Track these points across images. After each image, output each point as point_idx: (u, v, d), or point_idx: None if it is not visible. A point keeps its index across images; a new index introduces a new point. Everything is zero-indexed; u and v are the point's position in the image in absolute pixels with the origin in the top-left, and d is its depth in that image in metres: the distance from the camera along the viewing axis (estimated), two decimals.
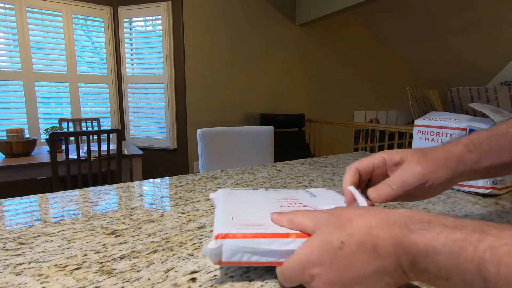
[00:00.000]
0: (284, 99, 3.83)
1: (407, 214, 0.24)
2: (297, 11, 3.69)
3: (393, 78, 4.88)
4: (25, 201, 0.55)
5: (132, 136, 3.24)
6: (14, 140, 1.92)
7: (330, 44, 4.10)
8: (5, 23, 2.63)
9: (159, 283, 0.30)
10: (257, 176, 0.74)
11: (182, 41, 3.05)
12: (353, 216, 0.26)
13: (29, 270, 0.32)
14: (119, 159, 1.92)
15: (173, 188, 0.64)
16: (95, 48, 3.10)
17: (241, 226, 0.30)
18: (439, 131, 0.63)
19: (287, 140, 3.52)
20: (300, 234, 0.29)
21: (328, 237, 0.26)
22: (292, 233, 0.29)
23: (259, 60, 3.56)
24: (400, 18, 4.02)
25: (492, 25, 3.55)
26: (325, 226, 0.27)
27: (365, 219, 0.25)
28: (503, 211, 0.51)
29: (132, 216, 0.47)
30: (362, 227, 0.25)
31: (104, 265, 0.33)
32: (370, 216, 0.25)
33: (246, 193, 0.43)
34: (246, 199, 0.40)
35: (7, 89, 2.73)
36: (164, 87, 3.10)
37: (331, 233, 0.26)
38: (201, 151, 1.29)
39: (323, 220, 0.28)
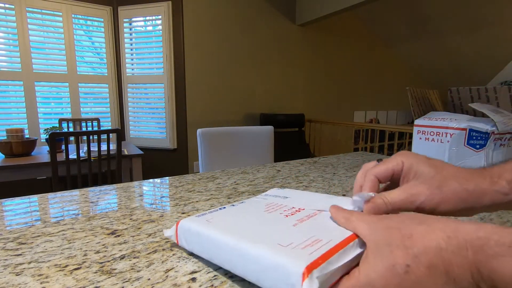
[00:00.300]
0: (284, 99, 3.84)
1: (480, 235, 0.21)
2: (297, 11, 3.69)
3: (393, 78, 4.88)
4: (25, 201, 0.55)
5: (132, 136, 3.24)
6: (14, 140, 1.92)
7: (330, 44, 4.10)
8: (5, 23, 2.63)
9: (159, 283, 0.30)
10: (257, 176, 0.74)
11: (182, 41, 3.05)
12: (413, 232, 0.23)
13: (29, 270, 0.32)
14: (119, 159, 1.92)
15: (173, 188, 0.64)
16: (95, 48, 3.10)
17: (308, 249, 0.26)
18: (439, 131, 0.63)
19: (287, 140, 3.52)
20: (353, 236, 0.28)
21: (391, 260, 0.23)
22: (349, 237, 0.28)
23: (259, 60, 3.56)
24: (400, 18, 4.02)
25: (492, 25, 3.55)
26: (384, 244, 0.24)
27: (430, 238, 0.22)
28: (503, 211, 0.51)
29: (132, 216, 0.47)
30: (429, 248, 0.22)
31: (104, 265, 0.33)
32: (434, 233, 0.23)
33: (223, 215, 0.36)
34: (234, 222, 0.34)
35: (7, 89, 2.73)
36: (164, 87, 3.10)
37: (393, 254, 0.23)
38: (201, 151, 1.29)
39: (379, 232, 0.25)
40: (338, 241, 0.27)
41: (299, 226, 0.31)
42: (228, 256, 0.29)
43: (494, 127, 0.54)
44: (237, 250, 0.28)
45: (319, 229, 0.30)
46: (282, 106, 3.82)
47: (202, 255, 0.33)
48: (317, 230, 0.30)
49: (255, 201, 0.42)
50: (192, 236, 0.34)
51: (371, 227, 0.26)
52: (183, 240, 0.35)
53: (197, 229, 0.33)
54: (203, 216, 0.36)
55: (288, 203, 0.39)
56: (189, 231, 0.34)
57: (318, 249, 0.26)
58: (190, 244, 0.34)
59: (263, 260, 0.26)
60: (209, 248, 0.31)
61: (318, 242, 0.27)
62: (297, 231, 0.30)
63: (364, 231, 0.27)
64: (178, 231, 0.36)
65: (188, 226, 0.35)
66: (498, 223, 0.46)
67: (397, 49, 4.69)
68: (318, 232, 0.29)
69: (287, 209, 0.37)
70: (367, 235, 0.26)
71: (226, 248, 0.29)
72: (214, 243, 0.31)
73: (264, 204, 0.39)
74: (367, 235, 0.26)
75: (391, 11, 3.91)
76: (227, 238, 0.30)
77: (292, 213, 0.35)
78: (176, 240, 0.36)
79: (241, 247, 0.28)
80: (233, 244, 0.29)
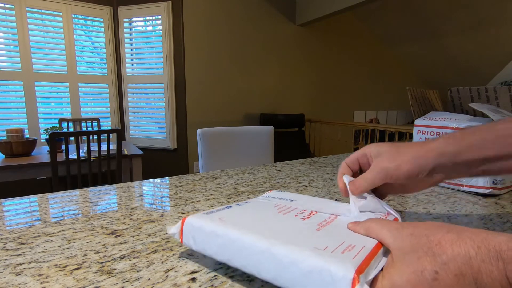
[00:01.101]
0: (284, 99, 3.84)
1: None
2: (297, 11, 3.69)
3: (393, 78, 4.88)
4: (25, 201, 0.55)
5: (132, 136, 3.24)
6: (14, 140, 1.92)
7: (330, 44, 4.10)
8: (5, 23, 2.63)
9: (159, 283, 0.30)
10: (257, 176, 0.74)
11: (182, 41, 3.05)
12: (441, 240, 0.23)
13: (29, 270, 0.32)
14: (119, 159, 1.92)
15: (173, 188, 0.64)
16: (95, 48, 3.10)
17: (347, 253, 0.25)
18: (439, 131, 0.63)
19: (287, 140, 3.52)
20: (379, 243, 0.27)
21: (418, 266, 0.23)
22: (378, 244, 0.27)
23: (259, 60, 3.56)
24: (400, 18, 4.02)
25: (492, 25, 3.55)
26: (410, 251, 0.24)
27: (459, 246, 0.22)
28: (503, 211, 0.51)
29: (132, 216, 0.47)
30: (458, 256, 0.22)
31: (104, 265, 0.33)
32: (463, 242, 0.23)
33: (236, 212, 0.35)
34: (250, 221, 0.32)
35: (7, 89, 2.73)
36: (164, 87, 3.10)
37: (420, 261, 0.23)
38: (201, 151, 1.29)
39: (404, 239, 0.25)
40: (370, 247, 0.26)
41: (323, 230, 0.30)
42: (254, 258, 0.27)
43: None
44: (268, 253, 0.26)
45: (345, 234, 0.29)
46: (282, 106, 3.82)
47: (216, 257, 0.30)
48: (344, 235, 0.29)
49: (260, 202, 0.40)
50: (205, 235, 0.31)
51: (394, 234, 0.26)
52: (190, 239, 0.32)
53: (212, 228, 0.30)
54: (212, 214, 0.33)
55: (297, 206, 0.38)
56: (200, 229, 0.31)
57: (357, 255, 0.25)
58: (200, 244, 0.31)
59: (302, 263, 0.24)
60: (229, 250, 0.29)
61: (354, 248, 0.26)
62: (324, 235, 0.29)
63: (388, 239, 0.27)
64: (184, 229, 0.33)
65: (199, 224, 0.31)
66: (498, 223, 0.46)
67: (397, 49, 4.69)
68: (346, 238, 0.28)
69: (299, 211, 0.35)
70: (391, 242, 0.26)
71: (254, 250, 0.27)
72: (236, 244, 0.28)
73: (273, 205, 0.38)
74: (391, 243, 0.26)
75: (391, 11, 3.91)
76: (254, 238, 0.27)
77: (307, 216, 0.34)
78: (181, 238, 0.33)
79: (274, 249, 0.26)
80: (263, 245, 0.26)
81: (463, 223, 0.45)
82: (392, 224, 0.28)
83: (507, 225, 0.45)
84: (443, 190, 0.63)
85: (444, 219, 0.47)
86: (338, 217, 0.34)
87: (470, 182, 0.59)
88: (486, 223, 0.46)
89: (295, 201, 0.40)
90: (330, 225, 0.32)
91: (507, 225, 0.45)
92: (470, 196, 0.59)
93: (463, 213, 0.50)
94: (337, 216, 0.35)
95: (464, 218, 0.48)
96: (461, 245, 0.22)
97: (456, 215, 0.49)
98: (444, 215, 0.49)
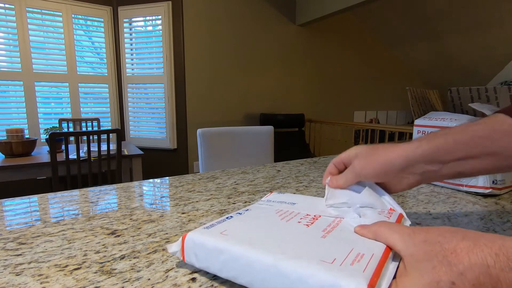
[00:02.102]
0: (284, 99, 3.84)
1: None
2: (297, 11, 3.69)
3: (393, 78, 4.88)
4: (25, 201, 0.55)
5: (132, 136, 3.24)
6: (14, 140, 1.92)
7: (330, 44, 4.10)
8: (5, 23, 2.63)
9: (159, 283, 0.30)
10: (257, 176, 0.74)
11: (182, 41, 3.05)
12: (457, 248, 0.22)
13: (29, 270, 0.32)
14: (119, 159, 1.92)
15: (173, 188, 0.64)
16: (95, 48, 3.10)
17: (357, 265, 0.24)
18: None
19: (287, 140, 3.52)
20: (388, 248, 0.27)
21: (434, 276, 0.22)
22: (386, 249, 0.26)
23: (259, 60, 3.56)
24: (400, 18, 4.02)
25: (492, 25, 3.55)
26: (424, 259, 0.23)
27: (476, 255, 0.21)
28: (503, 211, 0.51)
29: (132, 216, 0.47)
30: (475, 265, 0.21)
31: (104, 265, 0.33)
32: (480, 249, 0.22)
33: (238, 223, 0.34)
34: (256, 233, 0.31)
35: (7, 89, 2.73)
36: (164, 87, 3.10)
37: (436, 270, 0.22)
38: (201, 151, 1.29)
39: (417, 245, 0.24)
40: (380, 254, 0.26)
41: (329, 238, 0.29)
42: (261, 275, 0.26)
43: None
44: (275, 269, 0.25)
45: (352, 241, 0.29)
46: (282, 106, 3.82)
47: (220, 274, 0.29)
48: (351, 242, 0.28)
49: (261, 208, 0.39)
50: (208, 253, 0.29)
51: (405, 240, 0.25)
52: (193, 257, 0.31)
53: (214, 244, 0.29)
54: (213, 228, 0.32)
55: (300, 210, 0.37)
56: (202, 246, 0.30)
57: (367, 265, 0.24)
58: (203, 262, 0.30)
59: (311, 279, 0.23)
60: (234, 267, 0.27)
61: (363, 257, 0.25)
62: (331, 244, 0.28)
63: (398, 244, 0.26)
64: (185, 246, 0.31)
65: (200, 241, 0.30)
66: (498, 223, 0.46)
67: (397, 49, 4.69)
68: (354, 245, 0.27)
69: (302, 216, 0.35)
70: (402, 249, 0.25)
71: (259, 266, 0.26)
72: (241, 261, 0.27)
73: (274, 211, 0.37)
74: (402, 249, 0.25)
75: (391, 11, 3.91)
76: (259, 254, 0.26)
77: (311, 222, 0.33)
78: (182, 256, 0.32)
79: (280, 265, 0.25)
80: (268, 261, 0.25)
81: (463, 223, 0.45)
82: (402, 229, 0.27)
83: (507, 225, 0.45)
84: (443, 190, 0.63)
85: (444, 219, 0.47)
86: (342, 220, 0.34)
87: (470, 182, 0.59)
88: (486, 223, 0.46)
89: (297, 204, 0.40)
90: (335, 230, 0.31)
91: (507, 225, 0.45)
92: (470, 196, 0.59)
93: (463, 213, 0.50)
94: (341, 219, 0.34)
95: (464, 218, 0.48)
96: (478, 253, 0.21)
97: (456, 215, 0.49)
98: (444, 215, 0.49)
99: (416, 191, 0.62)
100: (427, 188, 0.64)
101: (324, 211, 0.37)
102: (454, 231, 0.24)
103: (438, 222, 0.46)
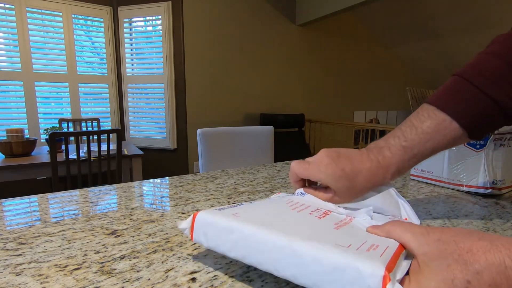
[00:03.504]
0: (284, 99, 3.84)
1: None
2: (297, 11, 3.69)
3: (393, 78, 4.89)
4: (25, 201, 0.55)
5: (132, 136, 3.24)
6: (14, 140, 1.92)
7: (330, 44, 4.10)
8: (5, 23, 2.63)
9: (159, 283, 0.30)
10: (257, 176, 0.74)
11: (182, 41, 3.06)
12: (473, 247, 0.22)
13: (29, 270, 0.32)
14: (119, 159, 1.92)
15: (173, 188, 0.64)
16: (95, 48, 3.10)
17: (373, 251, 0.24)
18: None
19: (287, 140, 3.53)
20: (400, 247, 0.26)
21: (449, 274, 0.22)
22: (401, 246, 0.26)
23: (259, 60, 3.56)
24: (400, 18, 4.02)
25: (492, 25, 3.55)
26: (438, 257, 0.23)
27: (493, 255, 0.21)
28: (503, 211, 0.51)
29: (132, 216, 0.47)
30: (492, 265, 0.21)
31: (104, 265, 0.33)
32: (497, 250, 0.21)
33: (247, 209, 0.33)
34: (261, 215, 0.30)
35: (7, 89, 2.73)
36: (164, 87, 3.10)
37: (450, 268, 0.22)
38: (201, 151, 1.29)
39: (431, 244, 0.24)
40: (394, 248, 0.25)
41: (341, 230, 0.29)
42: (273, 255, 0.25)
43: None
44: (289, 249, 0.25)
45: (365, 235, 0.28)
46: (282, 106, 3.82)
47: (229, 253, 0.28)
48: (365, 236, 0.28)
49: (272, 199, 0.38)
50: (218, 231, 0.29)
51: (418, 239, 0.25)
52: (202, 235, 0.30)
53: (226, 223, 0.28)
54: (225, 210, 0.31)
55: (310, 204, 0.36)
56: (213, 225, 0.29)
57: (384, 253, 0.23)
58: (212, 241, 0.29)
59: (327, 260, 0.23)
60: (244, 246, 0.27)
61: (378, 247, 0.25)
62: (345, 234, 0.27)
63: (412, 243, 0.25)
64: (195, 225, 0.31)
65: (212, 220, 0.30)
66: (498, 223, 0.46)
67: (397, 49, 4.69)
68: (368, 238, 0.27)
69: (313, 209, 0.34)
70: (416, 247, 0.25)
71: (272, 246, 0.25)
72: (253, 240, 0.27)
73: (285, 202, 0.36)
74: (415, 248, 0.25)
75: (391, 11, 3.91)
76: (273, 234, 0.26)
77: (323, 215, 0.33)
78: (191, 234, 0.31)
79: (295, 245, 0.24)
80: (282, 241, 0.25)
81: (463, 223, 0.45)
82: (416, 228, 0.27)
83: (507, 225, 0.45)
84: (443, 190, 0.63)
85: (444, 219, 0.47)
86: (354, 219, 0.33)
87: (470, 182, 0.59)
88: (486, 223, 0.46)
89: (306, 196, 0.39)
90: (347, 226, 0.31)
91: (507, 225, 0.45)
92: (470, 196, 0.59)
93: (463, 213, 0.50)
94: (352, 218, 0.33)
95: (464, 218, 0.48)
96: (495, 254, 0.21)
97: (456, 215, 0.49)
98: (444, 215, 0.49)
99: (416, 191, 0.62)
100: (427, 188, 0.64)
101: (335, 209, 0.36)
102: (469, 232, 0.24)
103: (438, 222, 0.46)
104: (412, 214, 0.37)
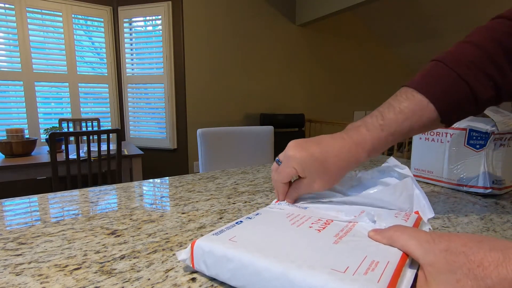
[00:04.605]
0: (284, 99, 3.84)
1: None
2: (297, 11, 3.69)
3: (393, 78, 4.89)
4: (25, 201, 0.55)
5: (132, 136, 3.24)
6: (14, 140, 1.92)
7: (330, 44, 4.10)
8: (5, 23, 2.63)
9: (159, 283, 0.30)
10: (257, 176, 0.74)
11: (182, 41, 3.06)
12: (484, 260, 0.21)
13: (29, 270, 0.32)
14: (119, 159, 1.92)
15: (173, 188, 0.64)
16: (95, 48, 3.10)
17: (371, 274, 0.23)
18: (439, 131, 0.63)
19: (287, 140, 3.50)
20: (404, 255, 0.25)
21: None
22: (402, 256, 0.25)
23: (259, 60, 3.56)
24: (400, 18, 4.02)
25: None
26: (447, 270, 0.22)
27: (505, 269, 0.20)
28: (503, 211, 0.51)
29: (132, 216, 0.47)
30: (505, 280, 0.20)
31: (104, 265, 0.33)
32: (509, 262, 0.20)
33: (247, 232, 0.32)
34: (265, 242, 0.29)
35: (7, 89, 2.73)
36: (164, 87, 3.10)
37: (460, 284, 0.21)
38: (201, 151, 1.29)
39: (437, 255, 0.23)
40: (396, 262, 0.24)
41: (341, 243, 0.28)
42: (270, 285, 0.25)
43: (494, 127, 0.54)
44: (284, 278, 0.24)
45: (365, 247, 0.28)
46: (282, 106, 3.82)
47: (230, 282, 0.28)
48: (365, 248, 0.27)
49: (272, 212, 0.38)
50: (217, 260, 0.29)
51: (424, 247, 0.24)
52: (202, 264, 0.30)
53: (223, 251, 0.28)
54: (222, 235, 0.31)
55: (312, 214, 0.36)
56: (211, 254, 0.29)
57: (382, 275, 0.23)
58: (212, 269, 0.29)
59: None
60: (243, 276, 0.27)
61: (377, 265, 0.24)
62: (343, 251, 0.27)
63: (416, 251, 0.24)
64: (194, 254, 0.31)
65: (209, 248, 0.29)
66: (498, 223, 0.46)
67: (397, 49, 4.69)
68: (368, 252, 0.26)
69: (314, 221, 0.34)
70: (421, 256, 0.24)
71: (269, 275, 0.25)
72: (250, 270, 0.26)
73: (285, 215, 0.36)
74: (420, 257, 0.24)
75: (391, 11, 3.91)
76: (268, 262, 0.26)
77: (323, 227, 0.32)
78: (192, 263, 0.31)
79: (290, 274, 0.24)
80: (278, 270, 0.25)
81: (463, 223, 0.45)
82: (420, 235, 0.25)
83: (507, 225, 0.45)
84: (443, 190, 0.63)
85: (444, 219, 0.47)
86: (356, 225, 0.33)
87: (470, 182, 0.59)
88: (486, 223, 0.46)
89: (309, 208, 0.39)
90: (348, 235, 0.30)
91: (507, 225, 0.45)
92: (470, 196, 0.59)
93: (463, 213, 0.50)
94: (354, 223, 0.33)
95: (464, 218, 0.48)
96: (507, 267, 0.20)
97: (456, 215, 0.49)
98: (444, 215, 0.49)
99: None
100: (427, 188, 0.64)
101: (336, 216, 0.36)
102: (480, 241, 0.22)
103: (438, 222, 0.46)
104: (427, 207, 0.36)
